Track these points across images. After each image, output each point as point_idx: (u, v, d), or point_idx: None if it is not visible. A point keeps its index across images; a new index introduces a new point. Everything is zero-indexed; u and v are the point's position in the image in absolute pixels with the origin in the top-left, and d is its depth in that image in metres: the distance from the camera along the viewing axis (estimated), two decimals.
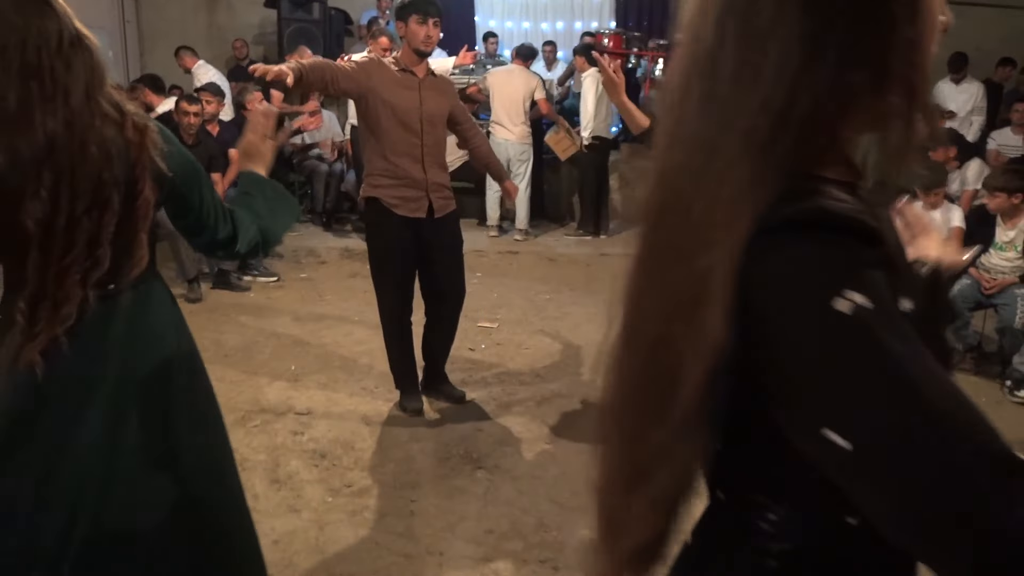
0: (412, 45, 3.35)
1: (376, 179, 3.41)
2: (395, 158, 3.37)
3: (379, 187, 3.40)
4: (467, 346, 4.61)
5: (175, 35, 10.13)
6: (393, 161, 3.37)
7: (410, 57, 3.38)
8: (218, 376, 4.03)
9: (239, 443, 3.33)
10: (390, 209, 3.40)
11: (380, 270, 3.53)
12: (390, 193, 3.40)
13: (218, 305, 5.23)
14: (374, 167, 3.41)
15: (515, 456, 3.32)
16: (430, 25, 3.31)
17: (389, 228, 3.44)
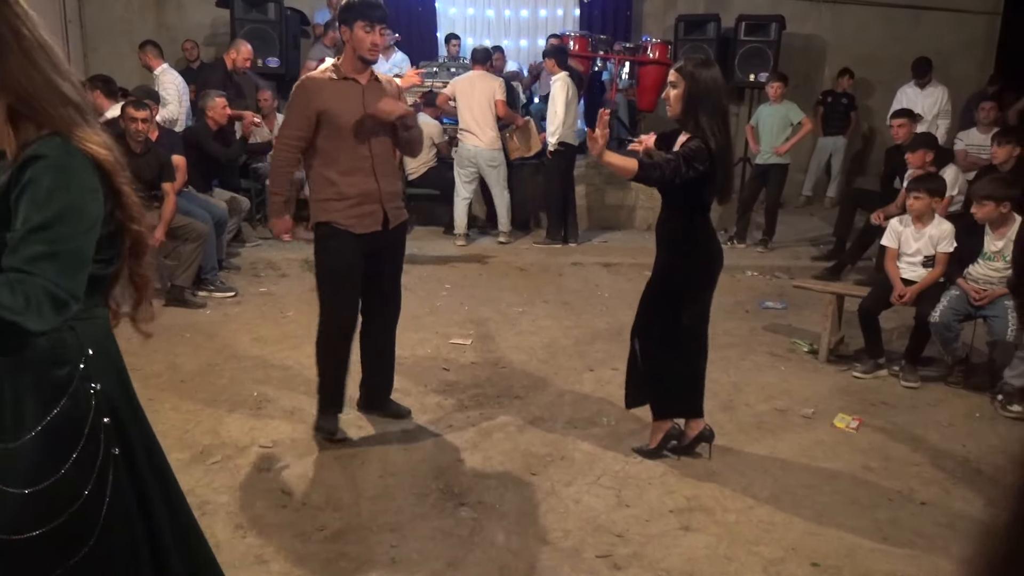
0: (357, 52, 3.12)
1: (327, 204, 3.19)
2: (344, 177, 3.16)
3: (332, 212, 3.19)
4: (440, 365, 4.38)
5: (120, 35, 9.69)
6: (343, 181, 3.16)
7: (352, 65, 3.16)
8: (173, 405, 3.76)
9: (198, 483, 3.05)
10: (346, 229, 3.20)
11: (331, 288, 3.30)
12: (344, 215, 3.19)
13: (172, 324, 4.89)
14: (323, 192, 3.19)
15: (500, 490, 3.10)
16: (377, 32, 3.08)
17: (343, 247, 3.22)
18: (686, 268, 3.16)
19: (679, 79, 2.97)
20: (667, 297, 3.20)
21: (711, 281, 3.24)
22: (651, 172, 2.91)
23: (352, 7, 3.08)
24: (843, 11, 9.69)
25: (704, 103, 2.96)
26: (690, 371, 3.31)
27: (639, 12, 9.85)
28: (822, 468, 3.34)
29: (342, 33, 3.16)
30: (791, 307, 5.65)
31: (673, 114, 3.05)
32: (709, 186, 3.03)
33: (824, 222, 8.38)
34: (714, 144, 2.93)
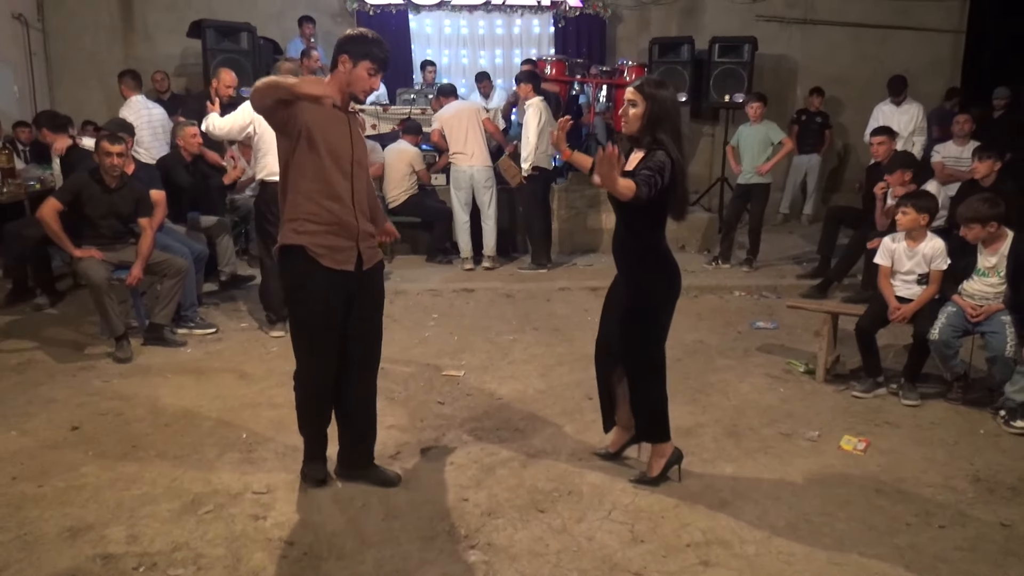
0: (351, 88, 2.97)
1: (301, 224, 2.95)
2: (327, 202, 2.95)
3: (304, 233, 2.95)
4: (435, 399, 4.25)
5: (87, 67, 9.54)
6: (325, 205, 2.95)
7: (342, 97, 2.98)
8: (159, 452, 3.58)
9: (191, 535, 2.89)
10: (315, 259, 2.96)
11: (307, 334, 3.04)
12: (316, 241, 2.96)
13: (151, 364, 4.72)
14: (300, 210, 2.95)
15: (509, 529, 2.97)
16: (377, 79, 3.00)
17: (316, 283, 2.98)
18: (656, 284, 3.19)
19: (639, 98, 3.02)
20: (645, 318, 3.20)
21: (677, 292, 3.27)
22: (644, 190, 2.90)
23: (364, 43, 2.94)
24: (813, 32, 9.84)
25: (664, 122, 3.01)
26: (664, 391, 3.31)
27: (613, 35, 9.90)
28: (835, 493, 3.27)
29: (341, 62, 2.96)
30: (782, 326, 5.62)
31: (630, 131, 3.08)
32: (669, 202, 3.07)
33: (804, 239, 8.44)
34: (675, 159, 2.98)
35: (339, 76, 2.99)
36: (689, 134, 10.18)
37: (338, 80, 3.00)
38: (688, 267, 7.19)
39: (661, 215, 3.13)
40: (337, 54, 2.98)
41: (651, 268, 3.17)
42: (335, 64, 3.00)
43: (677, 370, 4.75)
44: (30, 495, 3.17)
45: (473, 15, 9.60)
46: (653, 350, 3.22)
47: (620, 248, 3.22)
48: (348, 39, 2.99)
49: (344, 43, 2.98)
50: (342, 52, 2.97)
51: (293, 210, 2.97)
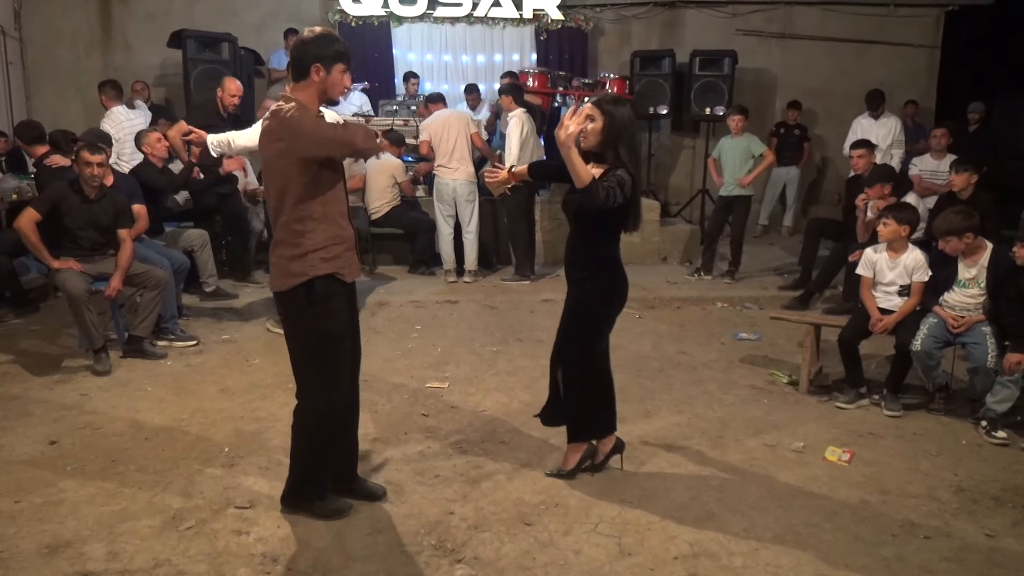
0: (330, 94, 2.89)
1: (328, 250, 2.87)
2: (342, 220, 2.93)
3: (333, 259, 2.88)
4: (419, 411, 4.22)
5: (65, 77, 9.44)
6: (340, 223, 2.93)
7: (316, 105, 2.90)
8: (139, 466, 3.52)
9: (172, 552, 2.84)
10: (341, 279, 2.93)
11: (335, 356, 2.96)
12: (342, 263, 2.92)
13: (131, 377, 4.64)
14: (323, 237, 2.85)
15: (495, 543, 2.95)
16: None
17: (341, 303, 2.96)
18: (604, 294, 3.28)
19: (598, 113, 3.08)
20: (588, 324, 3.30)
21: (623, 304, 3.37)
22: (598, 191, 2.95)
23: (331, 46, 2.87)
24: (791, 46, 9.97)
25: (623, 137, 3.09)
26: (605, 392, 3.45)
27: (595, 49, 9.96)
28: (821, 504, 3.28)
29: (314, 71, 2.85)
30: (765, 338, 5.65)
31: (589, 146, 3.13)
32: (627, 216, 3.17)
33: (784, 251, 8.52)
34: (634, 176, 3.07)
35: (313, 86, 2.85)
36: (670, 146, 10.26)
37: (313, 90, 2.86)
38: (670, 278, 7.25)
39: (617, 228, 3.23)
40: (308, 64, 2.81)
41: (602, 279, 3.26)
42: (305, 74, 2.83)
43: (660, 381, 4.76)
44: (6, 511, 3.10)
45: (455, 27, 9.62)
46: (589, 355, 3.34)
47: (574, 258, 3.29)
48: (313, 45, 2.83)
49: (311, 51, 2.82)
50: (314, 61, 2.81)
51: (313, 238, 2.84)
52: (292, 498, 3.13)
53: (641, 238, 7.90)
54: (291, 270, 2.86)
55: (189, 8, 9.34)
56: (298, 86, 2.87)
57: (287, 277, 2.87)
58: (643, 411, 4.28)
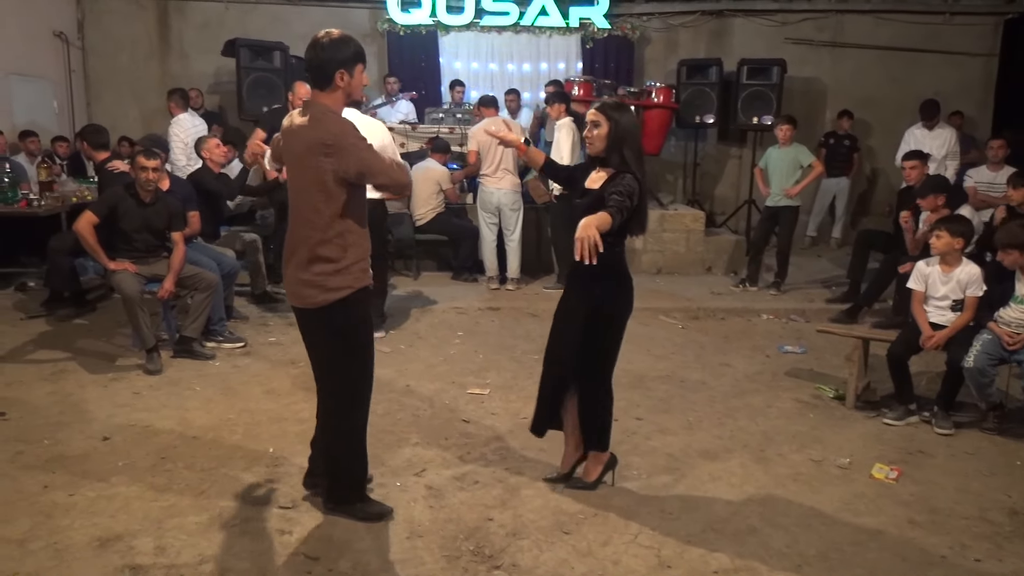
0: (354, 96, 2.90)
1: (365, 263, 2.92)
2: (366, 229, 2.97)
3: (368, 270, 2.95)
4: (459, 417, 4.25)
5: (124, 84, 9.75)
6: (368, 236, 2.98)
7: (341, 109, 2.91)
8: (187, 464, 3.61)
9: (217, 548, 2.90)
10: (369, 287, 3.00)
11: (366, 364, 3.02)
12: (370, 274, 3.00)
13: (180, 377, 4.76)
14: (360, 250, 2.89)
15: (534, 551, 2.95)
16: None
17: (369, 313, 3.05)
18: (617, 299, 3.27)
19: (602, 119, 3.12)
20: (602, 330, 3.28)
21: (632, 308, 3.35)
22: (617, 219, 2.94)
23: (350, 48, 2.84)
24: (842, 54, 9.81)
25: (628, 142, 3.12)
26: (611, 402, 3.45)
27: (641, 57, 9.94)
28: (866, 522, 3.21)
29: (339, 77, 2.82)
30: (811, 351, 5.56)
31: (595, 151, 3.17)
32: (633, 220, 3.15)
33: (832, 263, 8.37)
34: (640, 180, 3.09)
35: (339, 91, 2.84)
36: (716, 155, 10.17)
37: (339, 96, 2.86)
38: (715, 289, 7.17)
39: (624, 232, 3.22)
40: (332, 71, 2.79)
41: (611, 283, 3.25)
42: (330, 81, 2.80)
43: (703, 393, 4.71)
44: (61, 504, 3.20)
45: (502, 35, 9.69)
46: (606, 363, 3.34)
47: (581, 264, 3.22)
48: (332, 50, 2.79)
49: (333, 56, 2.79)
50: (339, 67, 2.79)
51: (358, 251, 2.89)
52: (338, 499, 3.17)
53: (686, 248, 7.85)
54: (331, 284, 2.86)
55: (242, 18, 9.58)
56: (323, 93, 2.84)
57: (327, 292, 2.87)
58: (685, 423, 4.24)
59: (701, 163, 9.85)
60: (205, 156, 6.08)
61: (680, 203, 9.07)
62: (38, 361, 5.03)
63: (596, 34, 9.49)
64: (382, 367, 4.98)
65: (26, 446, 3.76)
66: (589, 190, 3.20)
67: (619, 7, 9.67)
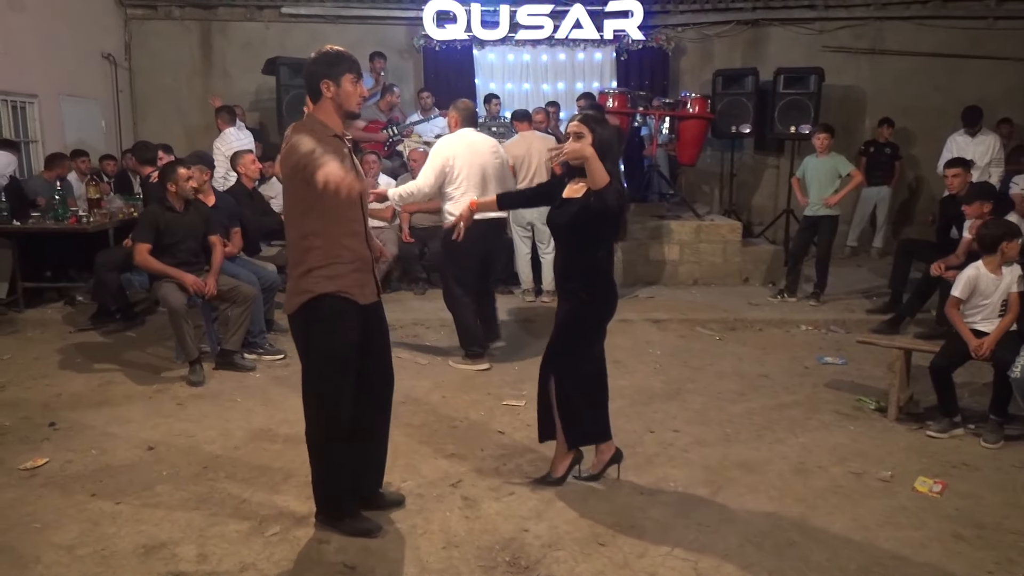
0: (346, 106, 2.93)
1: (331, 268, 2.89)
2: (347, 240, 2.94)
3: (337, 277, 2.91)
4: (495, 428, 4.27)
5: (169, 103, 10.01)
6: (346, 244, 2.93)
7: (336, 121, 2.95)
8: (228, 474, 3.68)
9: (257, 556, 2.96)
10: (349, 299, 2.94)
11: (336, 373, 2.97)
12: (350, 282, 2.94)
13: (222, 389, 4.86)
14: (327, 255, 2.89)
15: (570, 562, 2.95)
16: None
17: (348, 322, 2.95)
18: (598, 302, 3.40)
19: (585, 130, 3.21)
20: (583, 332, 3.42)
21: (613, 312, 3.47)
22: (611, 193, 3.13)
23: (339, 61, 2.92)
24: (882, 61, 9.67)
25: (609, 153, 3.20)
26: (600, 398, 3.56)
27: (676, 68, 9.91)
28: (910, 537, 3.14)
29: (324, 88, 2.88)
30: (851, 362, 5.47)
31: (577, 162, 3.23)
32: (618, 227, 3.33)
33: (873, 273, 8.23)
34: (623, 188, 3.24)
35: (327, 103, 2.91)
36: (753, 165, 10.09)
37: (328, 107, 2.93)
38: (752, 300, 7.09)
39: (610, 238, 3.38)
40: (316, 83, 2.89)
41: (597, 290, 3.38)
42: (318, 94, 2.90)
43: (740, 404, 4.67)
44: (108, 512, 3.29)
45: (536, 49, 9.75)
46: (580, 363, 3.44)
47: (568, 271, 3.41)
48: (318, 64, 2.90)
49: (318, 70, 2.90)
50: (321, 79, 2.88)
51: (317, 258, 2.89)
52: (322, 512, 3.19)
53: (723, 259, 7.78)
54: (298, 288, 2.94)
55: (282, 37, 9.79)
56: (315, 107, 2.95)
57: (294, 296, 2.95)
58: (722, 435, 4.21)
59: (737, 173, 9.78)
60: (240, 171, 6.23)
61: (716, 214, 9.00)
62: (86, 372, 5.17)
63: (631, 46, 9.50)
64: (418, 379, 5.06)
65: (75, 455, 3.87)
66: (569, 199, 3.34)
67: (654, 18, 9.66)
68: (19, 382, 4.98)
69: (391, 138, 8.45)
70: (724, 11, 9.85)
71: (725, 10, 9.84)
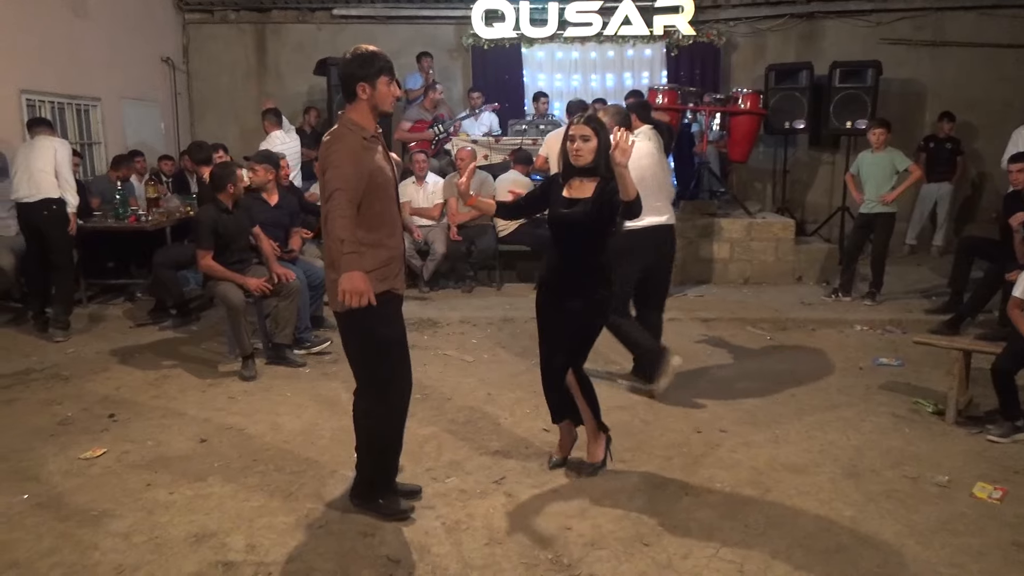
0: (381, 107, 3.01)
1: (380, 272, 2.98)
2: (390, 240, 3.04)
3: (386, 279, 3.02)
4: (540, 426, 4.26)
5: (225, 105, 10.25)
6: (390, 244, 3.04)
7: (371, 121, 3.02)
8: (277, 466, 3.75)
9: (304, 548, 3.01)
10: (396, 293, 3.10)
11: (396, 361, 3.13)
12: (395, 279, 3.07)
13: (273, 384, 4.96)
14: (374, 260, 2.95)
15: (612, 561, 2.93)
16: (394, 85, 3.03)
17: (398, 313, 3.13)
18: (611, 291, 3.56)
19: (591, 133, 3.34)
20: (600, 326, 3.59)
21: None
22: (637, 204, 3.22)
23: (374, 63, 2.97)
24: (943, 53, 9.36)
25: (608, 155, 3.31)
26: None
27: (727, 64, 9.76)
28: (967, 544, 3.04)
29: (360, 90, 2.96)
30: (908, 364, 5.31)
31: (584, 163, 3.36)
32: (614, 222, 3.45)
33: (933, 272, 7.98)
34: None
35: (363, 104, 2.98)
36: (807, 161, 9.87)
37: (364, 108, 2.99)
38: (805, 299, 6.95)
39: (612, 232, 3.51)
40: (352, 85, 2.96)
41: (604, 284, 3.50)
42: (353, 95, 2.97)
43: (791, 406, 4.57)
44: (162, 501, 3.39)
45: (585, 46, 9.70)
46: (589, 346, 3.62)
47: (578, 270, 3.46)
48: (354, 66, 2.96)
49: (354, 72, 2.96)
50: (357, 82, 2.95)
51: (371, 261, 2.95)
52: (361, 496, 3.30)
53: (775, 257, 7.63)
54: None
55: (333, 38, 9.94)
56: (350, 107, 3.01)
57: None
58: (772, 436, 4.12)
59: (791, 170, 9.57)
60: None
61: (768, 211, 8.83)
62: (144, 367, 5.34)
63: (681, 41, 9.38)
64: (464, 376, 5.08)
65: (132, 446, 4.00)
66: (575, 199, 3.40)
67: (704, 14, 9.52)
68: (81, 375, 5.16)
69: (437, 136, 8.52)
70: (777, 4, 9.65)
71: (778, 3, 9.64)
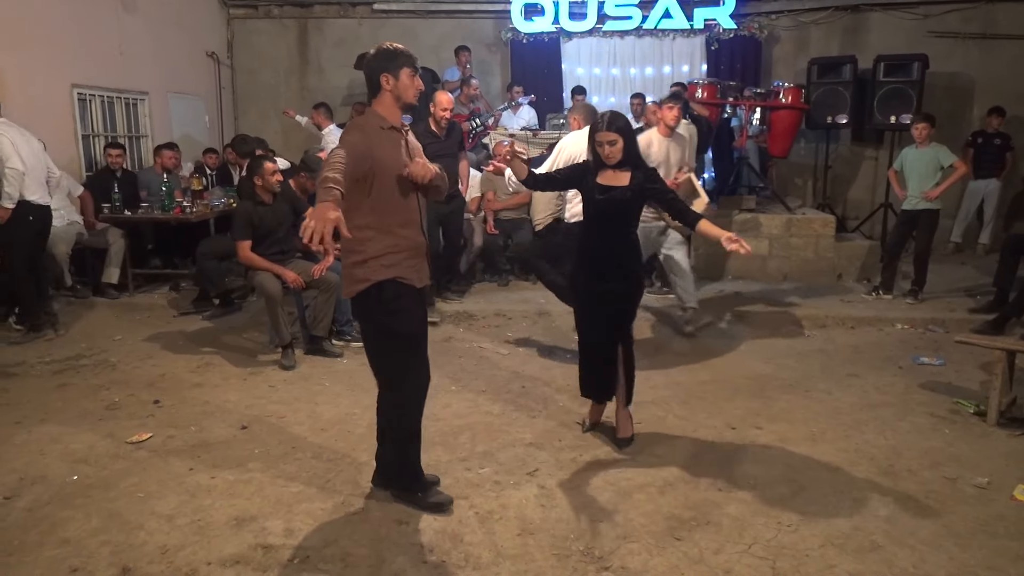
0: (404, 98, 3.02)
1: (387, 259, 3.01)
2: (402, 230, 3.04)
3: (393, 266, 3.03)
4: (574, 420, 4.28)
5: (266, 99, 10.43)
6: (401, 234, 3.04)
7: (395, 113, 3.05)
8: (314, 453, 3.84)
9: (339, 534, 3.08)
10: (406, 284, 3.07)
11: (410, 355, 3.15)
12: (406, 268, 3.06)
13: (311, 373, 5.07)
14: (380, 246, 3.00)
15: (643, 555, 2.95)
16: (418, 78, 3.06)
17: (412, 305, 3.12)
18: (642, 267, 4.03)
19: (618, 137, 3.67)
20: (639, 293, 3.97)
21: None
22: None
23: (397, 56, 3.01)
24: (993, 46, 9.13)
25: (634, 146, 3.76)
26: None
27: (768, 57, 9.64)
28: (1006, 546, 2.99)
29: (384, 81, 2.99)
30: (949, 363, 5.22)
31: (615, 161, 3.71)
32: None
33: (978, 271, 7.81)
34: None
35: (387, 95, 3.02)
36: (849, 157, 9.72)
37: (388, 100, 3.03)
38: (845, 297, 6.86)
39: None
40: (376, 76, 3.00)
41: (639, 261, 3.97)
42: (377, 87, 3.01)
43: (828, 404, 4.53)
44: (204, 485, 3.49)
45: (624, 39, 9.66)
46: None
47: (623, 252, 3.82)
48: (378, 60, 3.00)
49: (378, 65, 3.00)
50: (381, 73, 2.99)
51: (371, 247, 3.00)
52: (396, 488, 3.36)
53: (815, 254, 7.53)
54: (355, 276, 3.05)
55: (375, 32, 10.04)
56: (375, 100, 3.05)
57: (353, 283, 3.06)
58: (808, 433, 4.10)
59: (833, 165, 9.43)
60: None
61: (809, 207, 8.71)
62: (187, 355, 5.48)
63: (722, 35, 9.29)
64: (498, 369, 5.13)
65: (176, 431, 4.12)
66: (612, 187, 3.72)
67: (746, 6, 9.42)
68: (128, 362, 5.32)
69: (474, 130, 8.56)
70: None
71: None
